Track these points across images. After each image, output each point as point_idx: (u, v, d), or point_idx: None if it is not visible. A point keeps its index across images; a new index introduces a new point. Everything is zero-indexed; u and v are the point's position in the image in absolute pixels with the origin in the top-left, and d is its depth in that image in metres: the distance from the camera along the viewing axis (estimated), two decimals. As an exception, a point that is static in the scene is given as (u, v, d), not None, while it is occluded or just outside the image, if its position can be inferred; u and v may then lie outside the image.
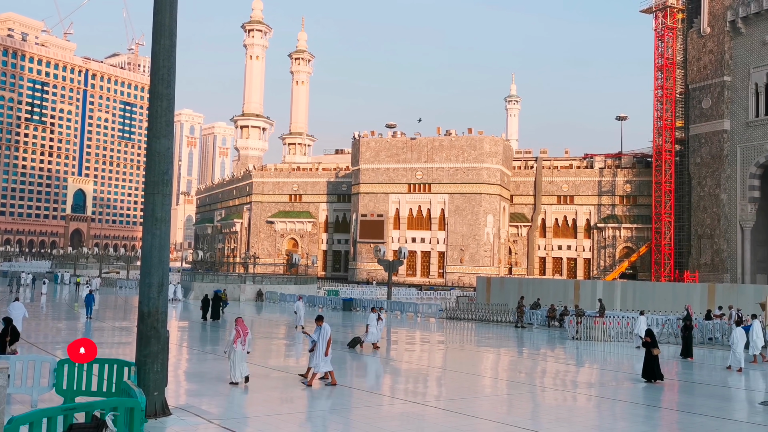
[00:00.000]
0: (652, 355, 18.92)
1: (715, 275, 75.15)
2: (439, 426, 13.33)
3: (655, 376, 19.00)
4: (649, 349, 19.08)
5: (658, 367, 19.07)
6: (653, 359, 18.95)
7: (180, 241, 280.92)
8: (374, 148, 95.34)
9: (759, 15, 73.53)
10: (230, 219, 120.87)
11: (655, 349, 18.94)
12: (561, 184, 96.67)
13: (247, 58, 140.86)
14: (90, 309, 34.74)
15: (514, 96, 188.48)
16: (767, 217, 76.69)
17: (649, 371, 19.09)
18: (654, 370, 19.01)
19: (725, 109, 76.63)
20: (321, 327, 17.28)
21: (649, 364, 19.07)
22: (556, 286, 49.65)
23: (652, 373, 19.02)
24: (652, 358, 18.95)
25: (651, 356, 18.95)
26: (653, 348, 18.93)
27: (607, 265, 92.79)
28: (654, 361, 18.97)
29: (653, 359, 18.95)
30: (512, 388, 18.91)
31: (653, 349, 18.93)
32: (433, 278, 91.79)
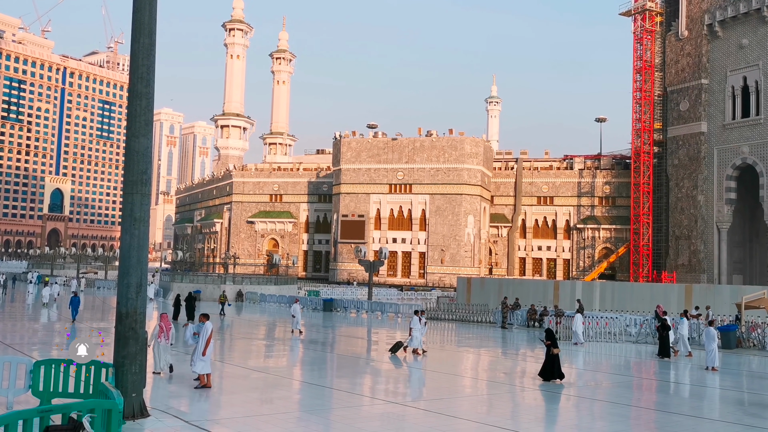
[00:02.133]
0: (551, 354, 18.92)
1: (692, 276, 76.06)
2: (420, 426, 13.35)
3: (554, 375, 18.93)
4: (549, 349, 19.04)
5: (558, 366, 19.03)
6: (553, 358, 18.94)
7: (159, 241, 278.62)
8: (355, 149, 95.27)
9: (736, 19, 74.56)
10: (210, 219, 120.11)
11: (555, 348, 18.92)
12: (541, 185, 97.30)
13: (227, 58, 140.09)
14: (75, 312, 33.41)
15: (495, 97, 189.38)
16: (743, 219, 77.77)
17: (548, 371, 19.01)
18: (554, 369, 18.95)
19: (702, 112, 77.60)
20: (203, 324, 17.14)
21: (549, 363, 19.03)
22: (536, 286, 49.95)
23: (551, 373, 18.94)
24: (552, 357, 18.95)
25: (551, 356, 18.95)
26: (553, 348, 18.91)
27: (586, 265, 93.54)
28: (554, 361, 18.96)
29: (553, 358, 18.94)
30: (492, 388, 19.00)
31: (553, 348, 18.90)
32: (413, 279, 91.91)
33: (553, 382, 18.85)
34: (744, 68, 73.81)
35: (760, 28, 72.38)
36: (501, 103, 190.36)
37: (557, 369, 19.03)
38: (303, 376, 20.34)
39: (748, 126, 73.14)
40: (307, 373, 20.92)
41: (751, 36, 73.28)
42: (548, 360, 19.11)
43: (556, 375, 19.00)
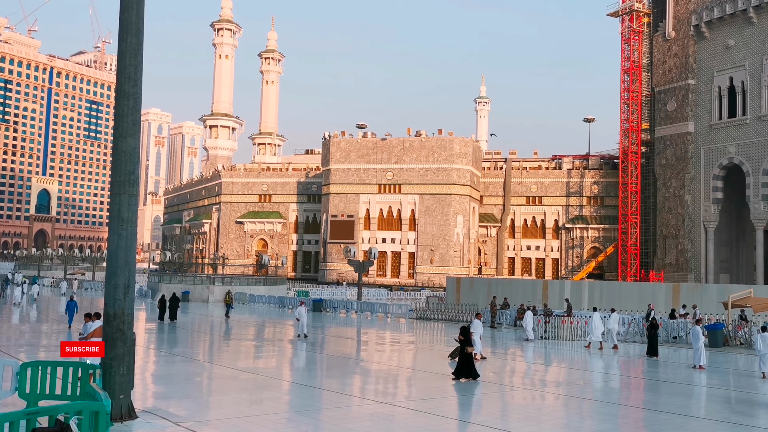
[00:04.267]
0: (465, 353, 18.68)
1: (680, 275, 76.54)
2: (409, 426, 13.35)
3: (468, 374, 18.70)
4: (463, 347, 18.82)
5: (472, 365, 18.83)
6: (466, 357, 18.70)
7: (147, 242, 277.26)
8: (344, 149, 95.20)
9: (722, 20, 75.11)
10: (199, 219, 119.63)
11: (468, 347, 18.70)
12: (530, 185, 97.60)
13: (216, 57, 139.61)
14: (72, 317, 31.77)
15: (484, 97, 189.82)
16: (730, 218, 78.34)
17: (463, 369, 18.79)
18: (468, 368, 18.72)
19: (689, 112, 78.12)
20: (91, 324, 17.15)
21: (462, 362, 18.80)
22: (525, 286, 50.11)
23: (465, 372, 18.72)
24: (465, 356, 18.71)
25: (464, 354, 18.70)
26: (467, 346, 18.69)
27: (574, 265, 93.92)
28: (468, 359, 18.71)
29: (466, 357, 18.70)
30: (481, 388, 19.03)
31: (467, 347, 18.68)
32: (403, 279, 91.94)
33: (467, 380, 18.58)
34: (730, 69, 74.37)
35: (746, 29, 72.95)
36: (490, 104, 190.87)
37: (471, 368, 18.71)
38: (292, 376, 20.30)
39: (734, 126, 73.70)
40: (297, 374, 20.89)
41: (738, 37, 73.85)
42: (462, 358, 18.79)
43: (471, 374, 18.70)
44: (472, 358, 18.89)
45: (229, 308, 41.58)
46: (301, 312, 30.12)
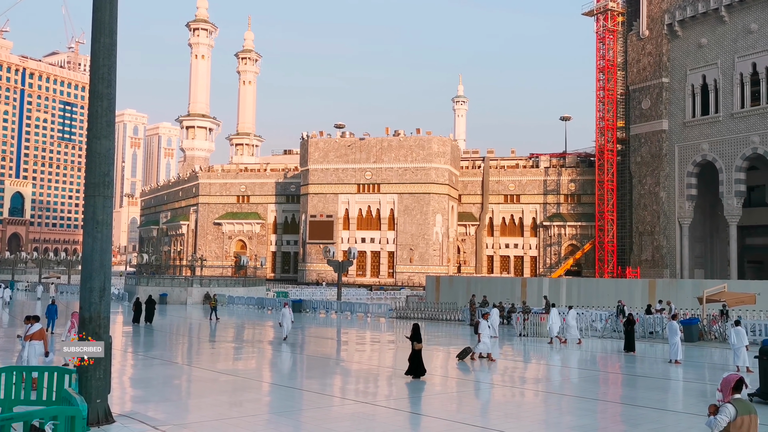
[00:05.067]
0: (414, 350, 18.50)
1: (656, 271, 77.47)
2: (390, 425, 13.37)
3: (416, 372, 18.51)
4: (412, 344, 18.65)
5: (421, 362, 18.61)
6: (416, 354, 18.52)
7: (124, 244, 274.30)
8: (323, 149, 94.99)
9: (695, 18, 76.12)
10: (176, 221, 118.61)
11: (417, 344, 18.49)
12: (508, 184, 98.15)
13: (192, 58, 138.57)
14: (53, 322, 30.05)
15: (462, 96, 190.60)
16: (704, 214, 79.45)
17: (412, 367, 18.61)
18: (417, 365, 18.52)
19: (663, 110, 79.07)
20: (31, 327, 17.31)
21: (413, 359, 18.60)
22: (504, 283, 50.40)
23: (413, 369, 18.55)
24: (415, 353, 18.52)
25: (414, 351, 18.52)
26: (416, 343, 18.50)
27: (552, 262, 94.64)
28: (417, 357, 18.52)
29: (416, 354, 18.52)
30: (461, 386, 19.11)
31: (415, 343, 18.50)
32: (383, 278, 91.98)
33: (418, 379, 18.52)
34: (703, 67, 75.41)
35: (718, 28, 74.02)
36: (468, 103, 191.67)
37: (420, 365, 18.54)
38: (272, 378, 20.22)
39: (707, 123, 74.74)
40: (277, 375, 20.81)
41: (710, 35, 74.90)
42: (411, 356, 18.66)
43: (419, 371, 18.58)
44: (420, 355, 18.69)
45: (213, 311, 41.11)
46: (285, 314, 29.43)
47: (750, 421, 7.17)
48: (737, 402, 7.23)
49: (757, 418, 7.26)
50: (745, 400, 7.32)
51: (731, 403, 7.21)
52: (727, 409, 7.16)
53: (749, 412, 7.21)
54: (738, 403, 7.22)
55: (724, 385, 7.44)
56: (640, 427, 13.54)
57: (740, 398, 7.31)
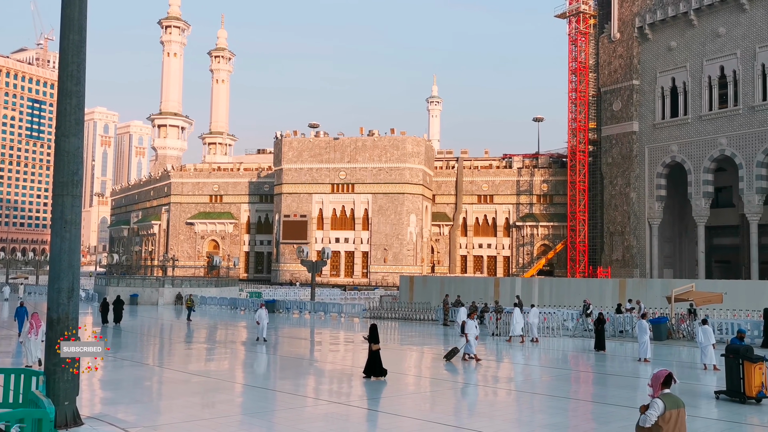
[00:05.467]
0: (372, 350, 18.46)
1: (626, 270, 78.51)
2: (363, 425, 13.37)
3: (377, 372, 18.43)
4: (369, 345, 18.62)
5: (379, 362, 18.53)
6: (374, 355, 18.49)
7: (94, 244, 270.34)
8: (297, 148, 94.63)
9: (664, 22, 77.29)
10: (148, 221, 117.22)
11: (374, 345, 18.44)
12: (481, 184, 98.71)
13: (164, 56, 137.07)
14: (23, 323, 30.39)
15: (436, 97, 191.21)
16: (673, 215, 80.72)
17: (370, 367, 18.52)
18: (375, 366, 18.49)
19: (634, 112, 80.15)
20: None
21: (371, 359, 18.57)
22: (477, 283, 50.65)
23: (374, 369, 18.51)
24: (373, 353, 18.49)
25: (372, 352, 18.48)
26: (373, 343, 18.47)
27: (525, 262, 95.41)
28: (375, 357, 18.48)
29: (374, 355, 18.49)
30: (435, 385, 19.17)
31: (373, 344, 18.46)
32: (357, 278, 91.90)
33: (377, 379, 18.42)
34: (672, 70, 76.59)
35: (687, 31, 75.24)
36: (442, 103, 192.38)
37: (378, 365, 18.50)
38: (245, 378, 20.09)
39: (676, 125, 75.93)
40: (250, 376, 20.68)
41: (679, 39, 76.10)
42: (369, 356, 18.60)
43: (377, 372, 18.50)
44: (378, 355, 18.61)
45: (190, 311, 40.77)
46: (261, 315, 29.06)
47: (678, 415, 7.49)
48: (666, 397, 7.54)
49: (684, 412, 7.58)
50: (673, 395, 7.64)
51: (660, 398, 7.51)
52: (656, 404, 7.46)
53: (677, 406, 7.52)
54: (666, 397, 7.53)
55: (654, 381, 7.75)
56: (610, 424, 13.71)
57: (669, 393, 7.62)
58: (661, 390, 7.67)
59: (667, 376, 7.73)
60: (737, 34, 70.28)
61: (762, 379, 15.72)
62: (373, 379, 18.56)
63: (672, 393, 7.72)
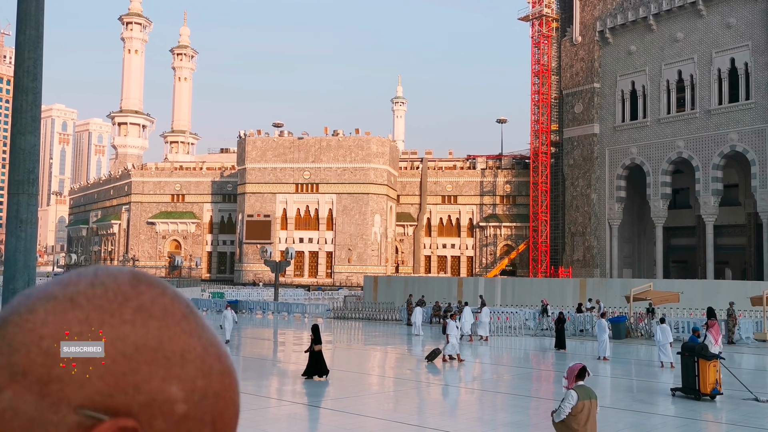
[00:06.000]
0: (314, 351, 18.40)
1: (587, 270, 79.75)
2: (326, 426, 13.34)
3: (318, 372, 18.41)
4: (311, 345, 18.56)
5: (323, 362, 18.52)
6: (316, 355, 18.44)
7: (51, 243, 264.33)
8: (260, 147, 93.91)
9: (625, 26, 78.71)
10: (107, 220, 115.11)
11: (316, 345, 18.40)
12: (445, 185, 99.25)
13: (125, 52, 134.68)
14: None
15: (401, 98, 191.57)
16: (632, 216, 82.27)
17: (312, 367, 18.48)
18: (318, 366, 18.42)
19: (595, 114, 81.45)
20: None
21: (312, 360, 18.48)
22: (441, 283, 50.97)
23: (316, 370, 18.44)
24: (315, 353, 18.45)
25: (314, 352, 18.41)
26: (316, 344, 18.40)
27: (488, 262, 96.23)
28: (317, 357, 18.42)
29: (316, 355, 18.44)
30: (399, 385, 19.22)
31: (315, 345, 18.39)
32: (321, 278, 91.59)
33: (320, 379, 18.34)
34: (632, 73, 78.03)
35: (646, 36, 76.74)
36: (406, 104, 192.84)
37: (321, 365, 18.44)
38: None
39: (635, 128, 77.39)
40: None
41: (639, 43, 77.58)
42: (311, 356, 18.47)
43: (321, 371, 18.40)
44: (321, 355, 18.50)
45: None
46: (227, 316, 28.48)
47: (590, 405, 7.89)
48: (579, 388, 7.94)
49: (596, 403, 8.03)
50: (586, 387, 8.06)
51: (574, 390, 7.92)
52: (569, 395, 7.87)
53: (589, 397, 7.93)
54: (579, 389, 7.94)
55: (569, 374, 8.20)
56: (570, 422, 13.90)
57: (582, 385, 8.04)
58: (575, 382, 8.05)
59: (581, 369, 8.16)
60: (694, 39, 71.95)
61: (716, 377, 16.13)
62: (316, 379, 18.21)
63: (585, 385, 8.10)
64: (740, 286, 42.81)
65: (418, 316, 33.02)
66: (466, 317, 30.56)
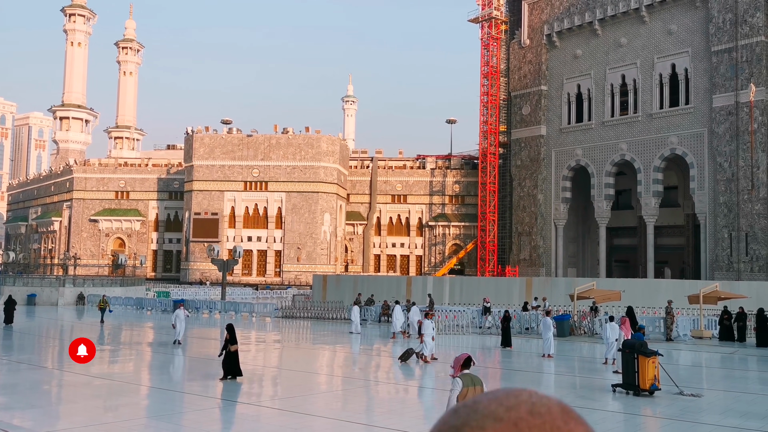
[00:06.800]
0: (229, 351, 18.08)
1: (533, 269, 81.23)
2: (274, 425, 13.26)
3: (233, 372, 18.07)
4: (227, 345, 18.20)
5: (237, 363, 18.21)
6: (232, 355, 18.07)
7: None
8: (209, 144, 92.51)
9: (571, 30, 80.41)
10: (48, 217, 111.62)
11: (232, 345, 18.06)
12: (395, 184, 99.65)
13: (67, 45, 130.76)
14: None
15: (351, 96, 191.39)
16: (577, 216, 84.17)
17: (228, 368, 18.11)
18: (232, 366, 18.11)
19: (542, 116, 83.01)
20: None
21: (228, 360, 18.10)
22: (390, 282, 51.17)
23: (232, 370, 18.09)
24: (230, 354, 18.02)
25: (229, 353, 18.09)
26: (231, 344, 18.07)
27: (437, 261, 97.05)
28: (233, 358, 18.08)
29: (232, 355, 18.07)
30: (347, 384, 19.24)
31: (230, 345, 18.05)
32: (269, 277, 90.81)
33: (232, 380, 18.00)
34: (578, 77, 79.80)
35: (592, 40, 78.58)
36: (357, 103, 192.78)
37: (235, 366, 18.11)
38: (151, 381, 19.51)
39: (581, 130, 79.18)
40: (156, 378, 20.09)
41: (585, 47, 79.38)
42: (226, 357, 18.11)
43: (234, 373, 18.09)
44: (237, 356, 18.12)
45: (104, 313, 38.70)
46: (178, 315, 27.53)
47: (474, 392, 8.32)
48: (464, 376, 8.44)
49: (482, 389, 8.41)
50: (472, 374, 8.54)
51: (459, 378, 8.39)
52: (455, 383, 8.35)
53: (474, 384, 8.40)
54: (464, 377, 8.43)
55: (455, 363, 8.68)
56: (515, 418, 14.15)
57: (468, 373, 8.54)
58: (461, 371, 8.53)
59: (466, 358, 8.67)
60: (638, 44, 74.01)
61: (655, 372, 16.66)
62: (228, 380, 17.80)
63: (471, 373, 8.56)
64: (678, 285, 44.27)
65: (355, 314, 33.36)
66: (397, 315, 31.12)
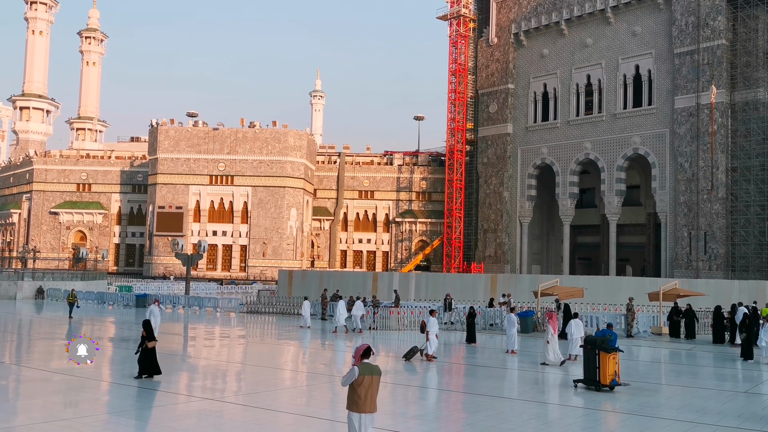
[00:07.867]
0: (146, 348, 17.59)
1: (498, 266, 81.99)
2: (237, 421, 13.18)
3: (150, 371, 17.55)
4: (144, 342, 17.66)
5: (155, 360, 17.66)
6: (149, 352, 17.53)
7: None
8: (174, 137, 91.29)
9: (538, 30, 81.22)
10: (6, 209, 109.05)
11: (149, 342, 17.58)
12: (362, 180, 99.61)
13: (28, 33, 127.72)
14: None
15: (319, 91, 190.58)
16: (541, 214, 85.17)
17: (144, 366, 17.56)
18: (152, 364, 17.60)
19: (509, 114, 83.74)
20: None
21: (146, 357, 17.54)
22: (356, 278, 51.19)
23: (147, 368, 17.56)
24: (148, 351, 17.51)
25: (146, 349, 17.61)
26: (149, 341, 17.57)
27: (404, 257, 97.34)
28: (150, 355, 17.57)
29: (149, 352, 17.53)
30: (312, 380, 19.22)
31: (148, 342, 17.55)
32: (234, 272, 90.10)
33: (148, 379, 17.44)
34: (544, 76, 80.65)
35: (558, 40, 79.48)
36: (325, 98, 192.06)
37: (154, 364, 17.65)
38: (113, 376, 19.21)
39: (546, 129, 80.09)
40: (118, 373, 19.78)
41: (551, 47, 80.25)
42: (143, 354, 17.59)
43: (153, 370, 17.61)
44: (155, 353, 17.70)
45: (72, 307, 37.73)
46: (153, 311, 26.45)
47: (371, 380, 9.27)
48: (363, 365, 9.24)
49: (378, 378, 9.37)
50: (370, 364, 9.34)
51: (357, 366, 9.20)
52: (353, 370, 9.19)
53: (371, 373, 9.28)
54: (363, 366, 9.24)
55: (356, 353, 9.43)
56: (478, 414, 14.32)
57: (367, 362, 9.33)
58: (360, 360, 9.29)
59: (366, 349, 9.41)
60: (603, 45, 75.08)
61: (615, 368, 16.97)
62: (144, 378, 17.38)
63: (370, 363, 9.33)
64: (639, 282, 45.15)
65: (306, 309, 33.56)
66: (340, 310, 31.62)
